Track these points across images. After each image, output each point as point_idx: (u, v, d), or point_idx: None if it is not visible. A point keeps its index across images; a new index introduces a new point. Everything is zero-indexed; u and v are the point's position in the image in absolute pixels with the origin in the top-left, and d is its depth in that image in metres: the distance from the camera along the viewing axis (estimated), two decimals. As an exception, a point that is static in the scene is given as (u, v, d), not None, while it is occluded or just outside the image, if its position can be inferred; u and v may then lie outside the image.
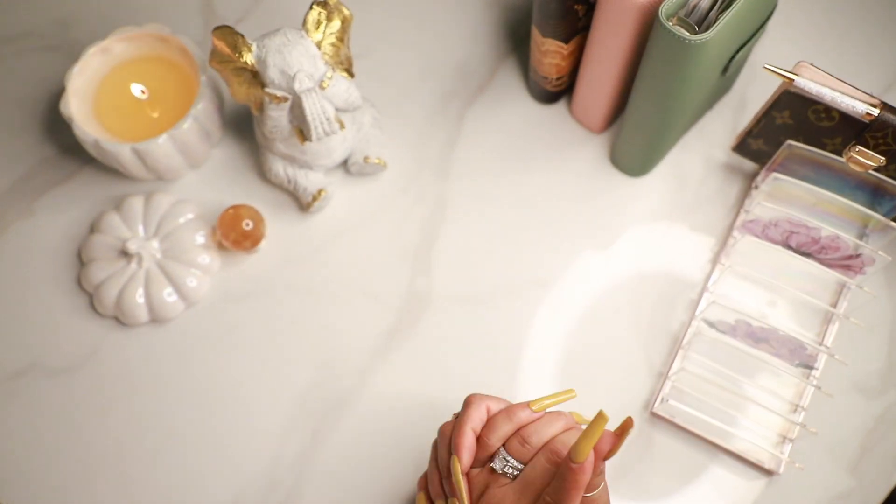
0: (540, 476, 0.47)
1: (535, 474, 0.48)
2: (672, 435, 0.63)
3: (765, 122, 0.62)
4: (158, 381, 0.64)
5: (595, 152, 0.71)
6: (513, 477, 0.49)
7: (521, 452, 0.48)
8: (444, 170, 0.71)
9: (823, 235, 0.61)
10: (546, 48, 0.65)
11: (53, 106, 0.73)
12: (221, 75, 0.61)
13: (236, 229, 0.65)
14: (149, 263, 0.65)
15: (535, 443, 0.48)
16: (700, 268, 0.67)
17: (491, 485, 0.49)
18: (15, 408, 0.64)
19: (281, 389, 0.64)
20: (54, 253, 0.68)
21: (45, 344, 0.65)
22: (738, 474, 0.62)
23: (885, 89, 0.73)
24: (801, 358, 0.61)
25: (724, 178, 0.70)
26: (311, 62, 0.59)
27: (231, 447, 0.63)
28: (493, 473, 0.49)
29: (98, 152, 0.65)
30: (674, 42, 0.54)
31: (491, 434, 0.49)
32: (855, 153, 0.58)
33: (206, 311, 0.66)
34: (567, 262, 0.68)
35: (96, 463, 0.62)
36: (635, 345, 0.65)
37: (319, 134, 0.60)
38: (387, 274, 0.67)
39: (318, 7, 0.59)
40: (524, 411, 0.50)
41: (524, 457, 0.48)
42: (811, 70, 0.57)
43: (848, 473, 0.62)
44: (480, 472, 0.50)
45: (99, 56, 0.67)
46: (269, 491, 0.62)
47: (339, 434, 0.63)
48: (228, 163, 0.71)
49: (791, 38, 0.75)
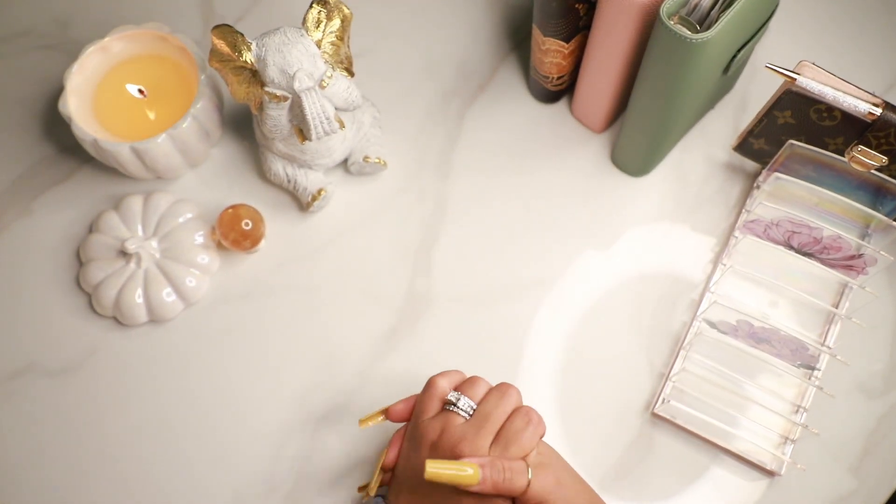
0: (495, 409, 0.50)
1: (491, 407, 0.50)
2: (673, 435, 0.62)
3: (766, 122, 0.62)
4: (157, 381, 0.64)
5: (596, 152, 0.71)
6: (468, 416, 0.51)
7: (473, 388, 0.52)
8: (444, 169, 0.71)
9: (825, 235, 0.61)
10: (547, 47, 0.65)
11: (52, 105, 0.73)
12: (221, 74, 0.61)
13: (236, 229, 0.64)
14: (148, 263, 0.65)
15: (484, 385, 0.53)
16: (701, 268, 0.67)
17: (447, 426, 0.51)
18: (13, 408, 0.64)
19: (280, 389, 0.64)
20: (53, 252, 0.68)
21: (44, 344, 0.65)
22: (740, 475, 0.61)
23: (887, 89, 0.73)
24: (803, 358, 0.61)
25: (725, 177, 0.70)
26: (310, 61, 0.58)
27: (231, 447, 0.62)
28: (447, 412, 0.51)
29: (97, 151, 0.64)
30: (675, 41, 0.54)
31: (433, 389, 0.53)
32: (857, 153, 0.58)
33: (205, 310, 0.66)
34: (568, 261, 0.68)
35: (95, 463, 0.62)
36: (636, 345, 0.65)
37: (319, 133, 0.60)
38: (387, 274, 0.67)
39: (317, 6, 0.59)
40: (455, 373, 0.54)
41: (477, 391, 0.52)
42: (813, 69, 0.57)
43: (850, 474, 0.61)
44: (434, 418, 0.52)
45: (98, 55, 0.66)
46: (269, 491, 0.61)
47: (338, 434, 0.63)
48: (228, 162, 0.71)
49: (793, 37, 0.75)
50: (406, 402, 0.55)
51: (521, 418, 0.51)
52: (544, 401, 0.63)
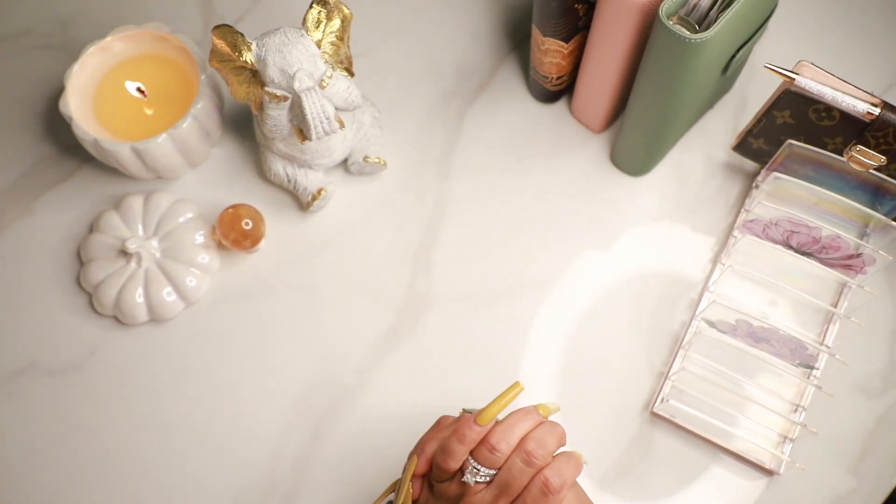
0: (517, 477, 0.46)
1: (511, 476, 0.46)
2: (672, 435, 0.62)
3: (765, 122, 0.62)
4: (157, 380, 0.64)
5: (595, 152, 0.71)
6: (486, 483, 0.47)
7: (491, 460, 0.47)
8: (444, 169, 0.71)
9: (824, 235, 0.61)
10: (546, 47, 0.65)
11: (53, 105, 0.73)
12: (221, 74, 0.61)
13: (236, 229, 0.65)
14: (148, 263, 0.65)
15: (505, 449, 0.47)
16: (701, 267, 0.67)
17: (466, 494, 0.47)
18: (14, 408, 0.64)
19: (281, 389, 0.64)
20: (53, 252, 0.68)
21: (44, 343, 0.65)
22: (739, 474, 0.61)
23: (886, 88, 0.73)
24: (802, 358, 0.61)
25: (724, 177, 0.70)
26: (310, 61, 0.58)
27: (231, 447, 0.63)
28: (465, 485, 0.47)
29: (97, 151, 0.64)
30: (674, 41, 0.54)
31: (448, 459, 0.48)
32: (856, 152, 0.58)
33: (205, 310, 0.66)
34: (567, 261, 0.68)
35: (95, 463, 0.62)
36: (636, 345, 0.65)
37: (319, 133, 0.60)
38: (387, 274, 0.67)
39: (317, 6, 0.59)
40: (471, 431, 0.47)
41: (496, 464, 0.47)
42: (812, 69, 0.57)
43: (849, 473, 0.61)
44: (451, 484, 0.48)
45: (98, 55, 0.67)
46: (269, 491, 0.61)
47: (338, 434, 0.63)
48: (228, 162, 0.71)
49: (792, 37, 0.75)
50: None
51: (538, 487, 0.46)
52: (544, 400, 0.63)
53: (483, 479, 0.47)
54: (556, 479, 0.46)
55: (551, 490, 0.46)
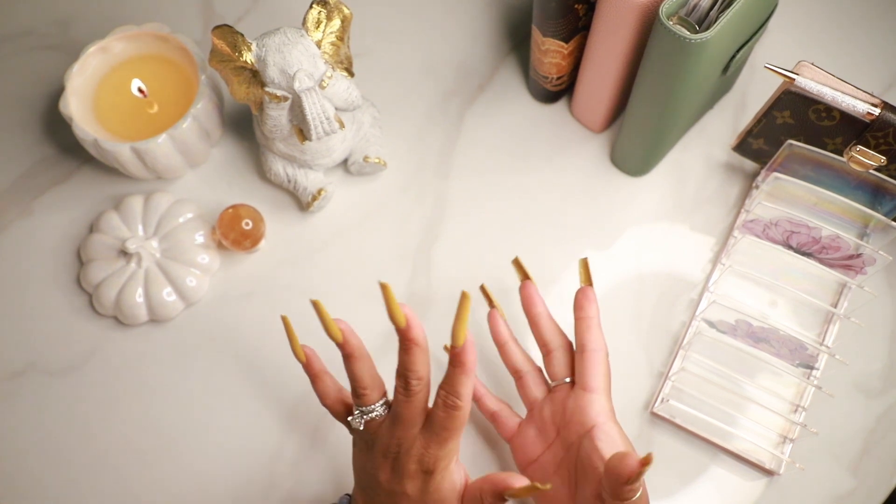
0: (402, 403, 0.48)
1: (397, 403, 0.48)
2: (672, 435, 0.62)
3: (765, 122, 0.62)
4: (158, 380, 0.64)
5: (595, 152, 0.71)
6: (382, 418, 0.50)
7: (365, 398, 0.50)
8: (444, 169, 0.71)
9: (824, 235, 0.61)
10: (546, 48, 0.65)
11: (53, 105, 0.73)
12: (221, 74, 0.61)
13: (236, 229, 0.65)
14: (148, 263, 0.65)
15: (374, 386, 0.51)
16: (700, 267, 0.67)
17: (378, 435, 0.49)
18: (14, 408, 0.64)
19: (281, 389, 0.64)
20: (53, 252, 0.68)
21: (45, 344, 0.65)
22: (739, 474, 0.61)
23: (885, 89, 0.73)
24: (802, 358, 0.61)
25: (724, 177, 0.70)
26: (310, 61, 0.58)
27: (231, 447, 0.63)
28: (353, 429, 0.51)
29: (97, 151, 0.64)
30: (674, 41, 0.54)
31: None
32: (856, 153, 0.58)
33: (205, 310, 0.66)
34: (567, 261, 0.68)
35: (96, 463, 0.62)
36: (635, 345, 0.65)
37: (319, 133, 0.60)
38: (387, 274, 0.67)
39: (317, 6, 0.59)
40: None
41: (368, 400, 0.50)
42: (812, 69, 0.57)
43: (849, 474, 0.61)
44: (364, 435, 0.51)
45: (98, 55, 0.67)
46: (269, 491, 0.61)
47: (338, 434, 0.63)
48: (228, 162, 0.71)
49: (792, 38, 0.75)
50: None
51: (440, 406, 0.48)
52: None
53: (378, 413, 0.50)
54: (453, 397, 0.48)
55: (452, 405, 0.48)
